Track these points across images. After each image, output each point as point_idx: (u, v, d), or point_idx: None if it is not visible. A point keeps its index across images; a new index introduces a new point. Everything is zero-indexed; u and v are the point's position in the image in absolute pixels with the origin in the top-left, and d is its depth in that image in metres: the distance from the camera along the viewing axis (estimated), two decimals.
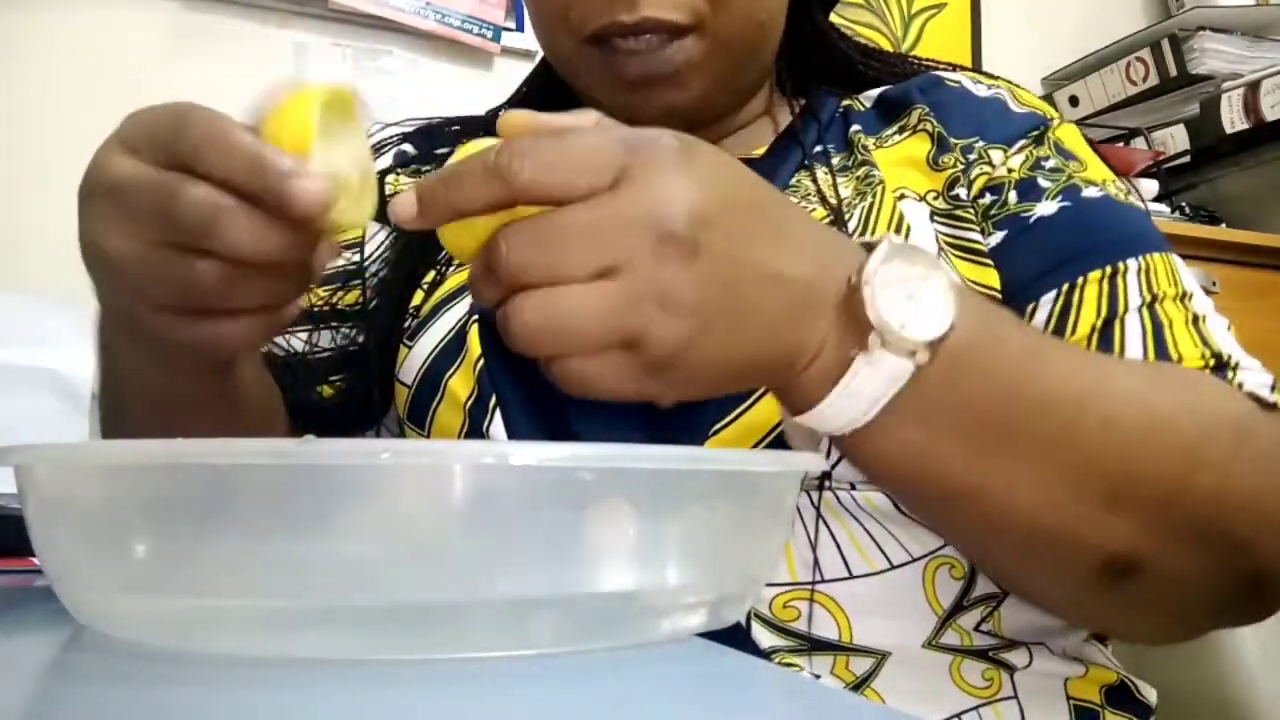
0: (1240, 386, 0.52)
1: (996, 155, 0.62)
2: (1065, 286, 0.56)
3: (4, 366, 1.11)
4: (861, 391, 0.41)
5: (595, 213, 0.38)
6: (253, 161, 0.40)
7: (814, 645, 0.54)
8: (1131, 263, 0.56)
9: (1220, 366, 0.53)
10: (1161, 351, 0.53)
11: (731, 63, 0.65)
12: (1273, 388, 0.52)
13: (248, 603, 0.34)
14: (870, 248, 0.42)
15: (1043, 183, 0.60)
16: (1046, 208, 0.59)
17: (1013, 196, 0.60)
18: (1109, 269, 0.56)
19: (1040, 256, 0.58)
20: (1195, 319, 0.55)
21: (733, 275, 0.39)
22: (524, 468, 0.34)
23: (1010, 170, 0.61)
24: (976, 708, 0.55)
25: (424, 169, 0.76)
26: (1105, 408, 0.46)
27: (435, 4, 1.69)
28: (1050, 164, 0.61)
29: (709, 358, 0.39)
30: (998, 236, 0.59)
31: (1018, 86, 0.69)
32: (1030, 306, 0.57)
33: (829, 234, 0.44)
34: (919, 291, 0.41)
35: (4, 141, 1.49)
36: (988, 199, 0.61)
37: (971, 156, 0.62)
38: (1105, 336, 0.54)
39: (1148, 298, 0.55)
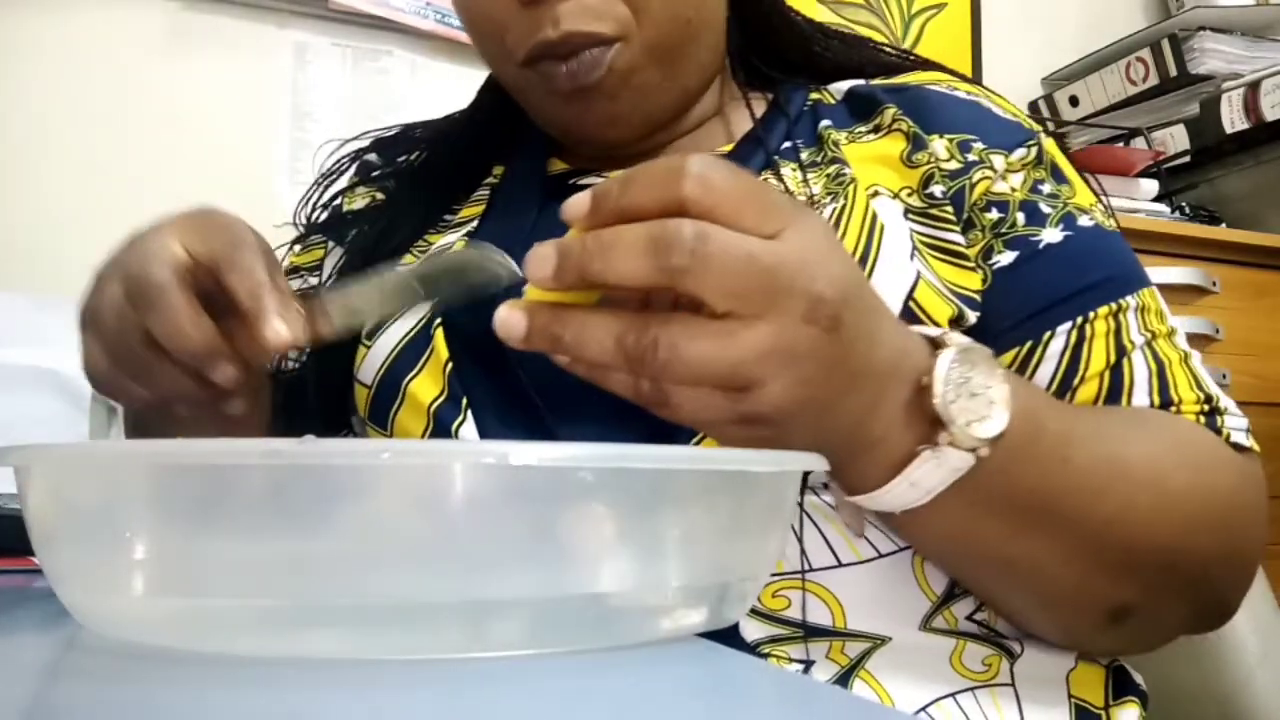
0: (1228, 437, 0.57)
1: (998, 161, 0.62)
2: (1079, 319, 0.59)
3: (4, 366, 1.11)
4: (923, 482, 0.45)
5: (760, 258, 0.37)
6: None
7: (808, 632, 0.54)
8: (1130, 300, 0.60)
9: (1213, 411, 0.58)
10: (1164, 393, 0.58)
11: (666, 67, 0.65)
12: (1247, 432, 0.58)
13: (247, 603, 0.34)
14: (933, 342, 0.45)
15: (1044, 208, 0.62)
16: (1051, 234, 0.61)
17: (1020, 217, 0.61)
18: (1114, 305, 0.59)
19: (1051, 285, 0.60)
20: (1185, 358, 0.60)
21: (846, 359, 0.40)
22: (524, 468, 0.34)
23: (1013, 189, 0.62)
24: (972, 689, 0.55)
25: (387, 183, 0.77)
26: (1125, 489, 0.50)
27: (435, 4, 1.69)
28: (1046, 189, 0.63)
29: (801, 429, 0.41)
30: (1009, 256, 0.61)
31: (992, 91, 0.69)
32: (1046, 335, 0.59)
33: (901, 326, 0.46)
34: (981, 390, 0.44)
35: (3, 141, 1.49)
36: (994, 214, 0.61)
37: (970, 156, 0.62)
38: (1115, 375, 0.58)
39: (1147, 335, 0.60)
